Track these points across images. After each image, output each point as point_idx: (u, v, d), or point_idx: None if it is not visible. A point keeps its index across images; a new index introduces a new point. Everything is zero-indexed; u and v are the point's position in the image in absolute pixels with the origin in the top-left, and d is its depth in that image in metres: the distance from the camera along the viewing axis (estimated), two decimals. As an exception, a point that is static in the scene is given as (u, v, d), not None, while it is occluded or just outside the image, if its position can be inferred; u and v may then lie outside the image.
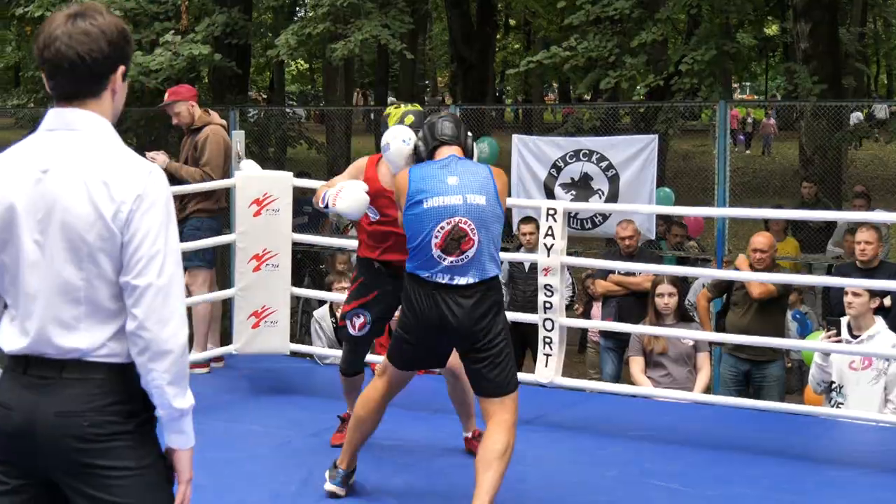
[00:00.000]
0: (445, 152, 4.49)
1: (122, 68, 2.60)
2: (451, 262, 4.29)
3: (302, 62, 38.85)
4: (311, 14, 14.82)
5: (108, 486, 2.50)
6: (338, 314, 7.37)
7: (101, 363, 2.52)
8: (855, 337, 6.25)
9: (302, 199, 9.99)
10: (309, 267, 11.89)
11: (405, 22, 14.70)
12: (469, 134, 4.60)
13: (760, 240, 7.54)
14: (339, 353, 6.68)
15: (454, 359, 4.73)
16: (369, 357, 6.66)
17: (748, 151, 31.29)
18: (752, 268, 7.45)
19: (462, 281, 4.30)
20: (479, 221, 4.32)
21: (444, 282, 4.31)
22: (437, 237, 4.29)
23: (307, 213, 11.38)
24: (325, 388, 6.13)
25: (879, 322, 6.32)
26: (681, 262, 10.26)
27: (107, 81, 2.58)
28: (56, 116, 2.58)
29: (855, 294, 6.21)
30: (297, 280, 7.09)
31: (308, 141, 19.31)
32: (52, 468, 2.52)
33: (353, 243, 6.25)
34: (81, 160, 2.51)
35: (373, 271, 5.15)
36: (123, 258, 2.50)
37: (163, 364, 2.49)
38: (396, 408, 4.62)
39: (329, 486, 4.71)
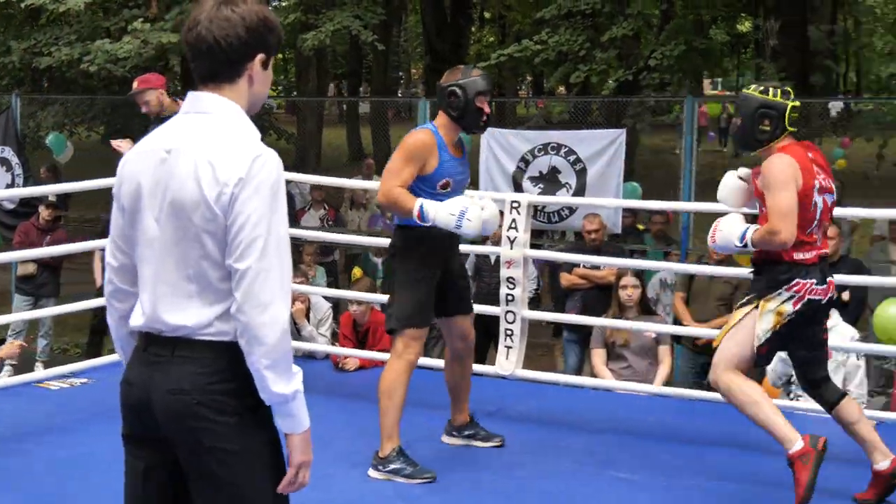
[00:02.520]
0: None
1: (261, 56, 2.66)
2: None
3: (275, 52, 38.70)
4: (283, 3, 14.81)
5: (213, 466, 2.56)
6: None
7: (209, 342, 2.57)
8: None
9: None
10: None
11: (377, 13, 14.71)
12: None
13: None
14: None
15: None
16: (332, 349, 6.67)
17: (724, 149, 31.25)
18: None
19: None
20: None
21: None
22: None
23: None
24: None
25: (835, 315, 6.37)
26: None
27: (242, 68, 2.64)
28: (192, 100, 2.67)
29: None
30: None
31: (278, 132, 19.25)
32: (172, 444, 2.58)
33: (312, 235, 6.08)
34: (199, 141, 2.57)
35: None
36: (227, 240, 2.53)
37: (259, 349, 2.51)
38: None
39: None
